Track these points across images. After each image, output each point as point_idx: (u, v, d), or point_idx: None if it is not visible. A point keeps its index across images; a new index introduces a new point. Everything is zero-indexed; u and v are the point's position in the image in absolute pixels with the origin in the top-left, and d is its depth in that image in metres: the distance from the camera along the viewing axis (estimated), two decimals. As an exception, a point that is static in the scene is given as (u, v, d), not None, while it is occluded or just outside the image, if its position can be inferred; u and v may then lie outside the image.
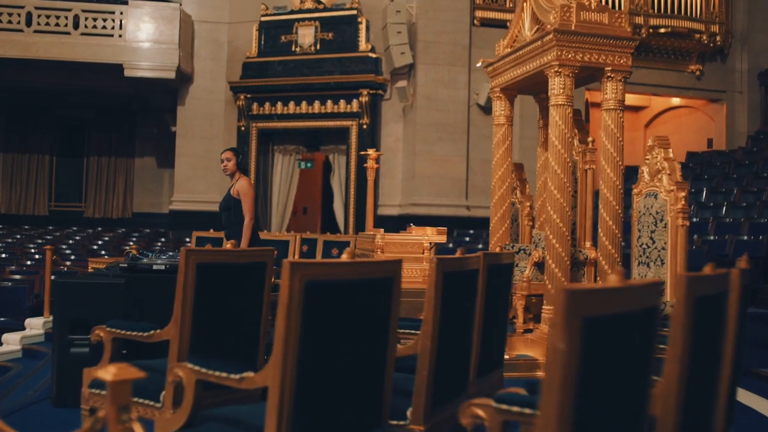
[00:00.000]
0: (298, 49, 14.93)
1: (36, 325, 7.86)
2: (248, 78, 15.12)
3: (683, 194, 5.53)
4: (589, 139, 6.75)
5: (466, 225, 13.82)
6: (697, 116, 16.38)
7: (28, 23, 14.27)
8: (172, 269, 5.17)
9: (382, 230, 6.20)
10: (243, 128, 15.26)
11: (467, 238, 12.80)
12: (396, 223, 14.57)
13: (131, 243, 13.37)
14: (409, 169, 14.23)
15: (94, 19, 14.55)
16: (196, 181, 15.61)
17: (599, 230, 6.36)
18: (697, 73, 15.33)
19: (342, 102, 14.65)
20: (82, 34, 14.46)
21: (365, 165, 7.13)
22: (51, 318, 8.03)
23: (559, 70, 6.21)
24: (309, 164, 15.60)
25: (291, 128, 15.14)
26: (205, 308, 3.06)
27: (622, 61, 6.35)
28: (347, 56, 14.60)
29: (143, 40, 14.55)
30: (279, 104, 15.02)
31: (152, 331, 3.09)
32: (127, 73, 14.40)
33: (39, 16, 14.32)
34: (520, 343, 6.32)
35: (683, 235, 5.48)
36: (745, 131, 15.57)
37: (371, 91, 14.43)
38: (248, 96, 15.13)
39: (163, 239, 15.25)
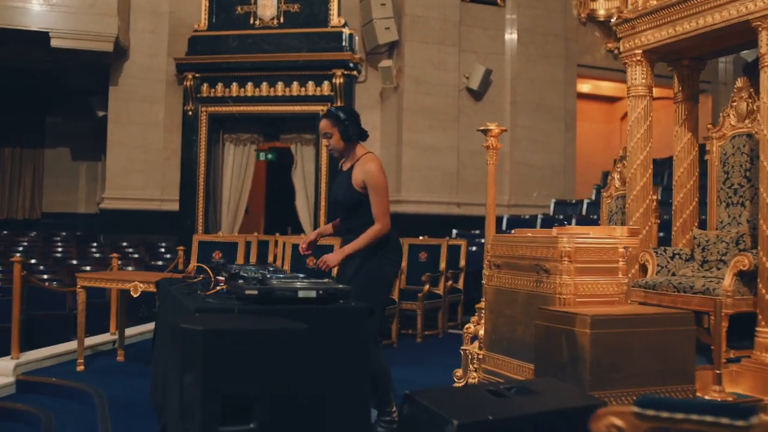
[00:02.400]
0: (257, 22, 12.86)
1: (4, 371, 5.60)
2: (197, 54, 12.91)
3: None
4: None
5: (456, 225, 12.17)
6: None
7: (-73, -22, 11.54)
8: (328, 296, 3.27)
9: (553, 231, 4.46)
10: (190, 113, 13.02)
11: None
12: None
13: (94, 246, 10.85)
14: (393, 161, 12.44)
15: (12, -22, 11.94)
16: (133, 175, 13.21)
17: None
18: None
19: (310, 84, 12.71)
20: (-3, -6, 11.84)
21: (485, 145, 5.30)
22: (21, 359, 5.80)
23: (781, 18, 4.65)
24: (270, 155, 13.54)
25: (249, 113, 13.04)
26: None
27: None
28: (317, 31, 12.65)
29: (74, 5, 12.04)
30: (234, 85, 12.90)
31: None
32: (55, 43, 11.86)
33: (-59, -30, 11.59)
34: (725, 378, 4.71)
35: None
36: (733, 124, 14.69)
37: (346, 72, 12.55)
38: (197, 75, 12.92)
39: (94, 244, 12.78)
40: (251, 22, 12.85)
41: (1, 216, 15.59)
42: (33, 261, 10.43)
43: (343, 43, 12.54)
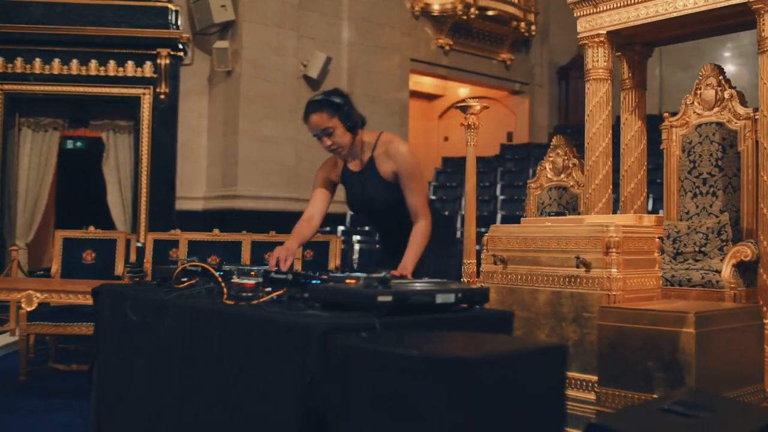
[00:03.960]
0: (67, -10, 11.17)
1: None
2: (-10, 22, 10.94)
3: None
4: None
5: (293, 223, 11.34)
6: (497, 108, 15.69)
7: None
8: (467, 300, 2.53)
9: (584, 219, 3.95)
10: (-20, 91, 11.02)
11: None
12: (202, 222, 11.58)
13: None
14: (227, 152, 11.37)
15: None
16: None
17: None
18: (509, 62, 14.62)
19: (130, 64, 11.23)
20: None
21: (463, 123, 4.66)
22: None
23: (783, 2, 4.50)
24: (79, 144, 11.82)
25: (54, 94, 11.28)
26: None
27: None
28: (139, 5, 11.21)
29: None
30: (37, 61, 11.08)
31: None
32: None
33: None
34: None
35: None
36: (546, 125, 15.25)
37: (173, 52, 11.26)
38: (-10, 47, 10.97)
39: None
40: (59, -12, 11.14)
41: None
42: None
43: (170, 20, 11.24)
